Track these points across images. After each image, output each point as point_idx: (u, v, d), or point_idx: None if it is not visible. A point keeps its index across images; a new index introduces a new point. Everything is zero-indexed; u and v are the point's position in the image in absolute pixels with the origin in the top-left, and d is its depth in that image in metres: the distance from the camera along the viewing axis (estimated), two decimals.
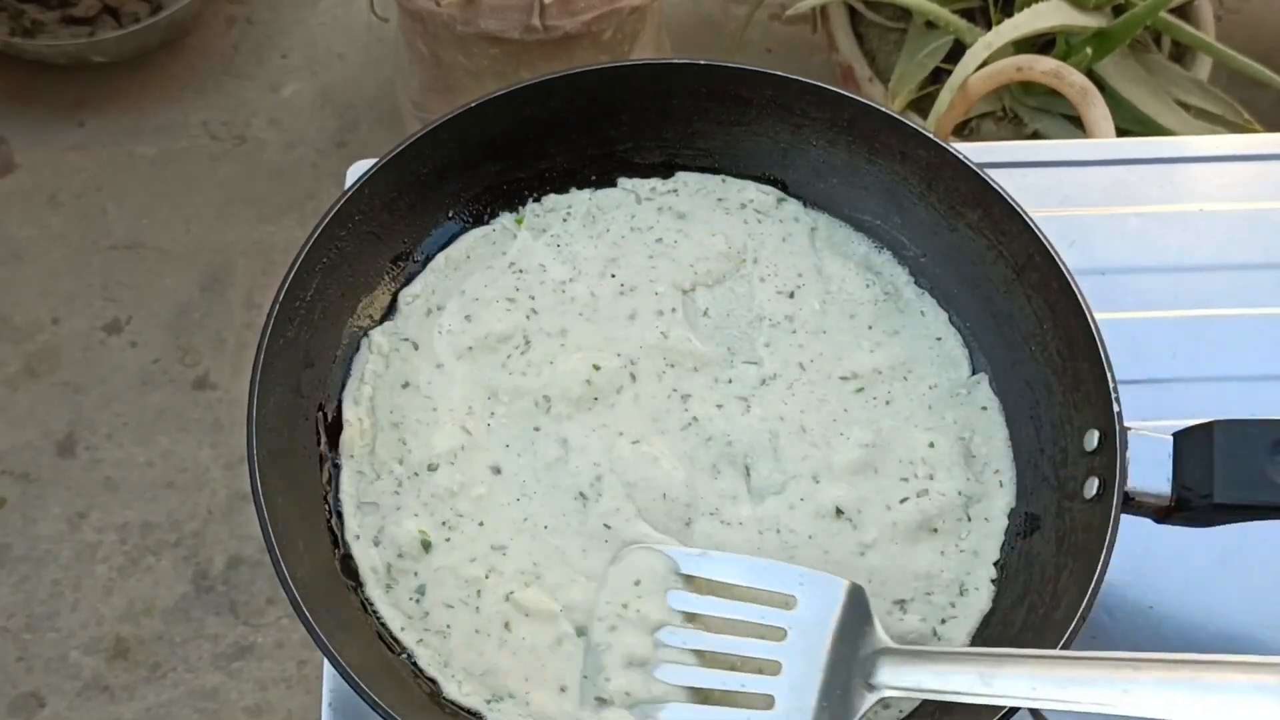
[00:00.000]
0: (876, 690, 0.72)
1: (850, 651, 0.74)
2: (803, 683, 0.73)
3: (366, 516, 0.81)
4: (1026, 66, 1.42)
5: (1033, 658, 0.69)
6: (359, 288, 0.86)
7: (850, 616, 0.74)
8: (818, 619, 0.74)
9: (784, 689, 0.73)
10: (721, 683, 0.74)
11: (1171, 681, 0.65)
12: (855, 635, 0.74)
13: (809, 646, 0.74)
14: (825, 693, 0.73)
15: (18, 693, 1.71)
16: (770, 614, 0.75)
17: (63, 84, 2.17)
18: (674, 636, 0.76)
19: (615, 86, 0.89)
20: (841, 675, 0.73)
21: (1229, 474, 0.73)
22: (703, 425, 0.84)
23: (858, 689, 0.72)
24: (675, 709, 0.74)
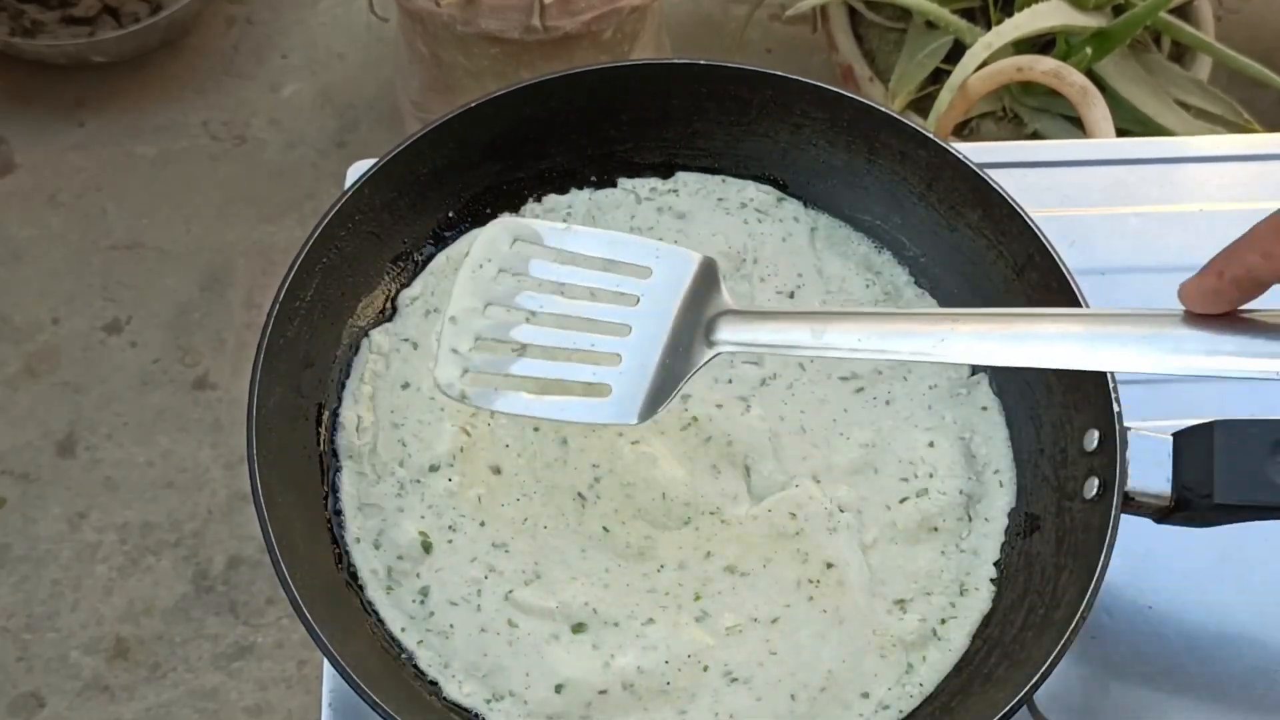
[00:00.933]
0: (715, 346, 0.76)
1: (696, 316, 0.77)
2: (648, 342, 0.76)
3: (367, 518, 0.81)
4: (1026, 66, 1.42)
5: (860, 314, 0.74)
6: (359, 288, 0.86)
7: (700, 286, 0.77)
8: (669, 287, 0.77)
9: (630, 347, 0.76)
10: (573, 341, 0.76)
11: (985, 333, 0.70)
12: (703, 301, 0.77)
13: (658, 310, 0.77)
14: (669, 351, 0.76)
15: (18, 693, 1.71)
16: (625, 282, 0.77)
17: (63, 84, 2.17)
18: (532, 300, 0.77)
19: (615, 86, 0.89)
20: (685, 336, 0.76)
21: (1229, 474, 0.73)
22: (702, 425, 0.84)
23: (698, 345, 0.76)
24: (526, 364, 0.77)
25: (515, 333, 0.77)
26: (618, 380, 0.75)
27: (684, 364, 0.76)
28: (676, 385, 0.75)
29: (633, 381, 0.75)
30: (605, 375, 0.75)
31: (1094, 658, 0.83)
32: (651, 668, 0.77)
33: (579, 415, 0.76)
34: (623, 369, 0.75)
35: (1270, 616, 0.85)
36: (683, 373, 0.75)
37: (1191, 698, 0.82)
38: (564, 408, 0.76)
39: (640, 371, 0.75)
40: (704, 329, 0.76)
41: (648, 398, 0.75)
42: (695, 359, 0.76)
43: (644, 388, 0.75)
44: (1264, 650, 0.84)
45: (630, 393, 0.75)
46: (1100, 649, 0.84)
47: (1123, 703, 0.82)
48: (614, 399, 0.75)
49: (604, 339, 0.76)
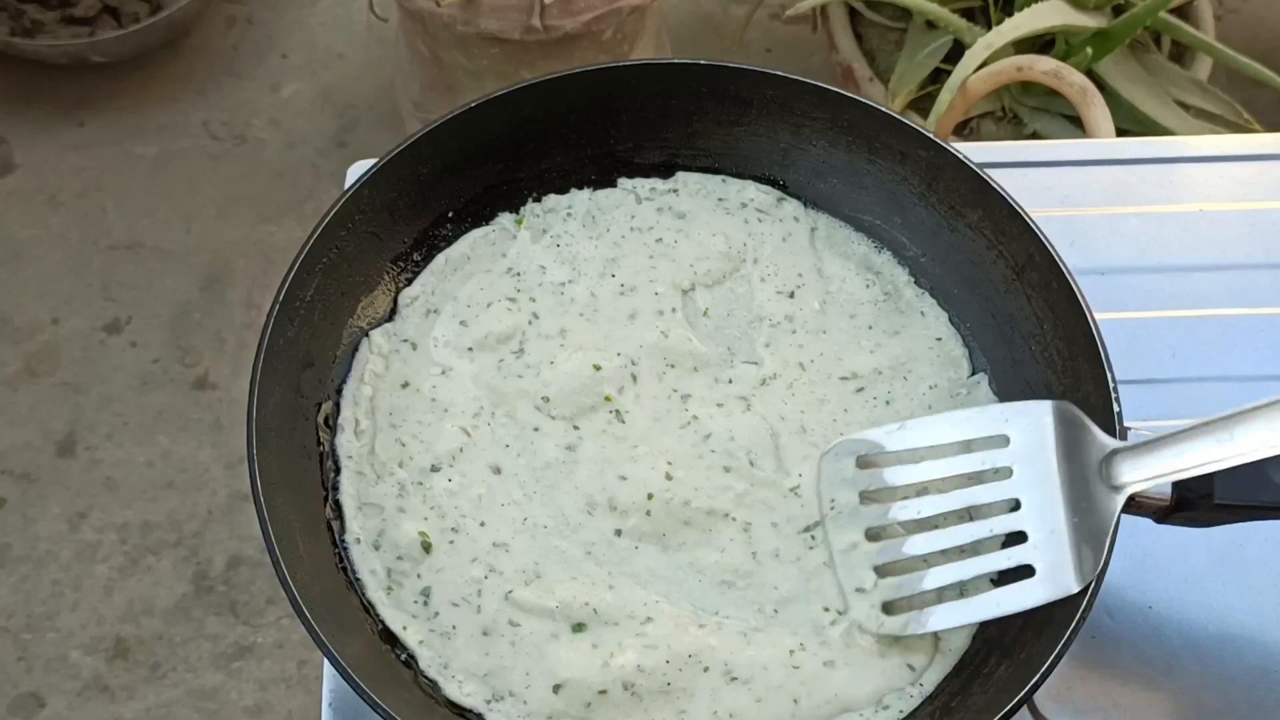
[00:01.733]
0: (1122, 490, 0.73)
1: (1081, 465, 0.74)
2: (1046, 509, 0.74)
3: (367, 518, 0.81)
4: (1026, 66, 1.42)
5: (1260, 406, 0.70)
6: (359, 288, 0.86)
7: (1068, 433, 0.75)
8: (1037, 446, 0.75)
9: (1031, 520, 0.74)
10: (970, 535, 0.75)
11: None
12: (1079, 448, 0.75)
13: (1039, 474, 0.75)
14: (1072, 509, 0.74)
15: (18, 693, 1.71)
16: (990, 457, 0.76)
17: (63, 84, 2.17)
18: (906, 510, 0.76)
19: (615, 86, 0.89)
20: (1081, 489, 0.74)
21: (1229, 474, 0.73)
22: (703, 424, 0.84)
23: (1103, 494, 0.73)
24: (937, 574, 0.75)
25: (909, 548, 0.75)
26: (1035, 556, 0.73)
27: (1098, 517, 0.73)
28: (1103, 541, 0.72)
29: (1053, 552, 0.73)
30: (1021, 556, 0.74)
31: (1094, 658, 0.83)
32: (652, 667, 0.76)
33: (1018, 604, 0.73)
34: (1035, 543, 0.73)
35: (1270, 616, 0.85)
36: (1104, 526, 0.73)
37: (1191, 697, 0.82)
38: (1001, 602, 0.74)
39: (1054, 540, 0.73)
40: (1099, 474, 0.74)
41: (1075, 562, 0.73)
42: (1109, 508, 0.73)
43: (1066, 555, 0.73)
44: (1264, 650, 0.84)
45: (1056, 564, 0.73)
46: (1100, 649, 0.84)
47: (1123, 703, 0.82)
48: (1043, 575, 0.73)
49: (999, 520, 0.75)
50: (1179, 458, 0.72)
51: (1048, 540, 0.74)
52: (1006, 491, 0.75)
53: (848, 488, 0.78)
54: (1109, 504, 0.73)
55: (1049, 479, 0.75)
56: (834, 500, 0.77)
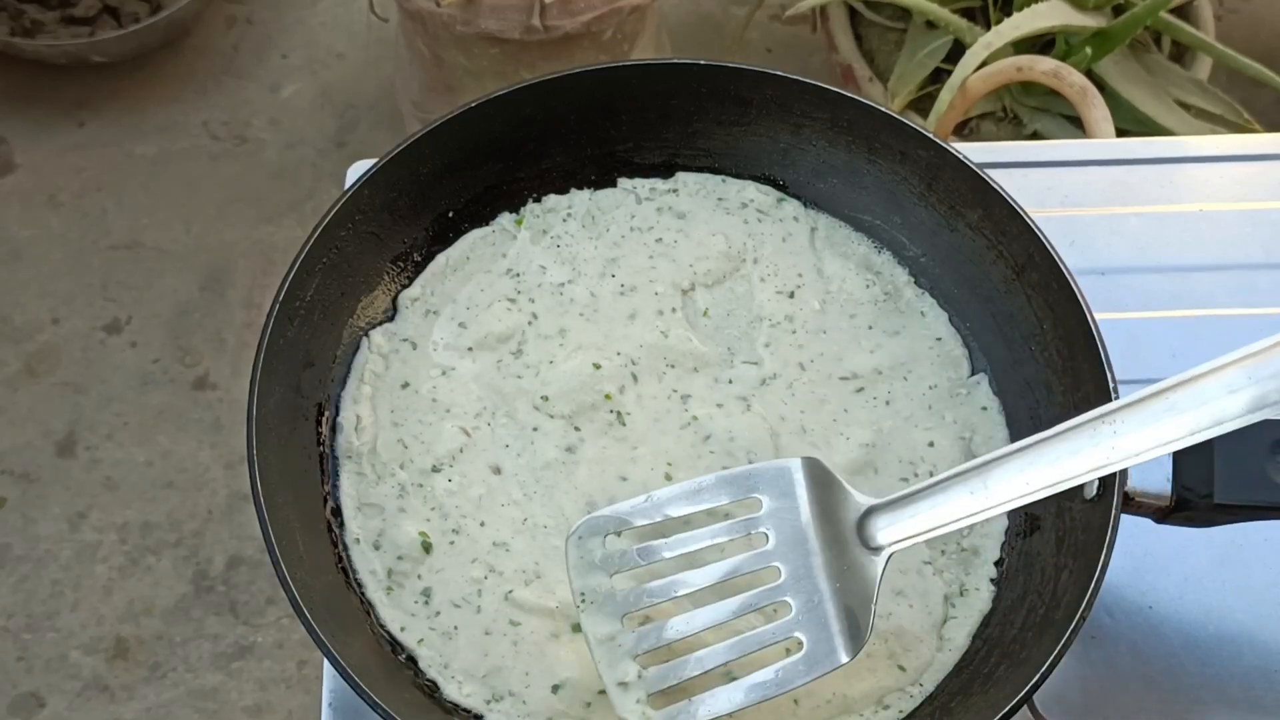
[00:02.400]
0: (881, 551, 0.71)
1: (837, 526, 0.73)
2: (805, 577, 0.72)
3: (367, 519, 0.81)
4: (1026, 66, 1.42)
5: (1011, 453, 0.69)
6: (359, 288, 0.86)
7: (820, 493, 0.73)
8: (789, 509, 0.73)
9: (792, 590, 0.72)
10: (731, 611, 0.72)
11: (1152, 414, 0.66)
12: (834, 506, 0.73)
13: (794, 538, 0.72)
14: (834, 575, 0.72)
15: (18, 693, 1.71)
16: (743, 524, 0.73)
17: (63, 84, 2.17)
18: (661, 589, 0.73)
19: (615, 86, 0.89)
20: (839, 551, 0.72)
21: (1229, 474, 0.73)
22: (703, 425, 0.84)
23: (863, 558, 0.72)
24: (702, 657, 0.72)
25: (670, 632, 0.72)
26: (801, 628, 0.71)
27: (860, 582, 0.71)
28: (868, 607, 0.71)
29: (816, 625, 0.71)
30: (786, 630, 0.71)
31: (1094, 658, 0.83)
32: None
33: (793, 683, 0.71)
34: (797, 615, 0.71)
35: (1270, 616, 0.85)
36: (867, 592, 0.71)
37: (1191, 698, 0.82)
38: (774, 683, 0.71)
39: (817, 611, 0.71)
40: (856, 536, 0.72)
41: (844, 633, 0.71)
42: (869, 573, 0.71)
43: (832, 626, 0.71)
44: (1264, 650, 0.84)
45: (821, 637, 0.71)
46: (1100, 649, 0.84)
47: (1123, 703, 0.82)
48: (811, 649, 0.71)
49: (759, 594, 0.72)
50: (934, 511, 0.71)
51: (811, 612, 0.71)
52: (763, 560, 0.72)
53: (598, 572, 0.73)
54: (870, 568, 0.72)
55: (803, 544, 0.72)
56: (583, 592, 0.73)
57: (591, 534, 0.74)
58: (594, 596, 0.73)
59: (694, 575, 0.73)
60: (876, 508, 0.73)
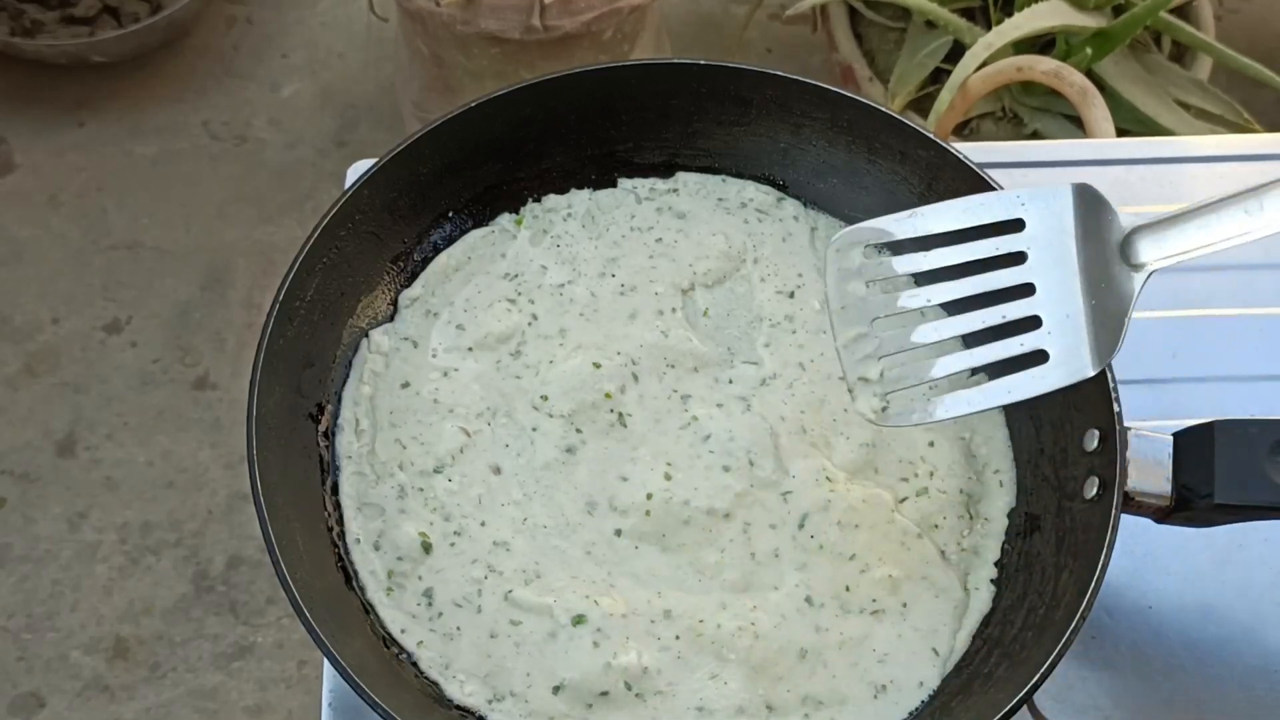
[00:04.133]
0: (1143, 268, 0.71)
1: (1101, 246, 0.71)
2: (1062, 292, 0.71)
3: (367, 519, 0.81)
4: (1026, 66, 1.42)
5: None
6: (359, 288, 0.86)
7: (1088, 213, 0.72)
8: (1053, 229, 0.72)
9: (1045, 305, 0.71)
10: (981, 321, 0.72)
11: None
12: (1100, 228, 0.72)
13: (1055, 257, 0.71)
14: (1090, 292, 0.71)
15: (18, 693, 1.71)
16: (1004, 242, 0.72)
17: (63, 84, 2.17)
18: (914, 298, 0.73)
19: (615, 86, 0.89)
20: (1100, 270, 0.71)
21: (1229, 474, 0.73)
22: (703, 425, 0.84)
23: (1122, 274, 0.71)
24: (946, 362, 0.72)
25: (917, 336, 0.72)
26: (1050, 341, 0.70)
27: (1116, 299, 0.71)
28: (1121, 322, 0.70)
29: (1068, 336, 0.70)
30: (1035, 341, 0.71)
31: (1094, 658, 0.83)
32: (653, 667, 0.77)
33: (1031, 389, 0.70)
34: (1049, 328, 0.70)
35: (1270, 616, 0.85)
36: (1122, 308, 0.70)
37: (1191, 697, 0.82)
38: (1010, 388, 0.71)
39: (1070, 324, 0.70)
40: (1119, 254, 0.71)
41: (1092, 345, 0.70)
42: (1128, 288, 0.71)
43: (1083, 338, 0.70)
44: (1264, 650, 0.84)
45: (1071, 347, 0.70)
46: (1100, 649, 0.84)
47: (1123, 703, 0.82)
48: (1057, 360, 0.70)
49: (1013, 306, 0.71)
50: (1205, 230, 0.69)
51: (1062, 325, 0.70)
52: (1020, 276, 0.72)
53: (854, 279, 0.73)
54: (1128, 284, 0.71)
55: (1066, 262, 0.71)
56: (842, 295, 0.73)
57: (851, 245, 0.73)
58: (847, 301, 0.73)
59: (946, 287, 0.73)
60: (1142, 227, 0.72)
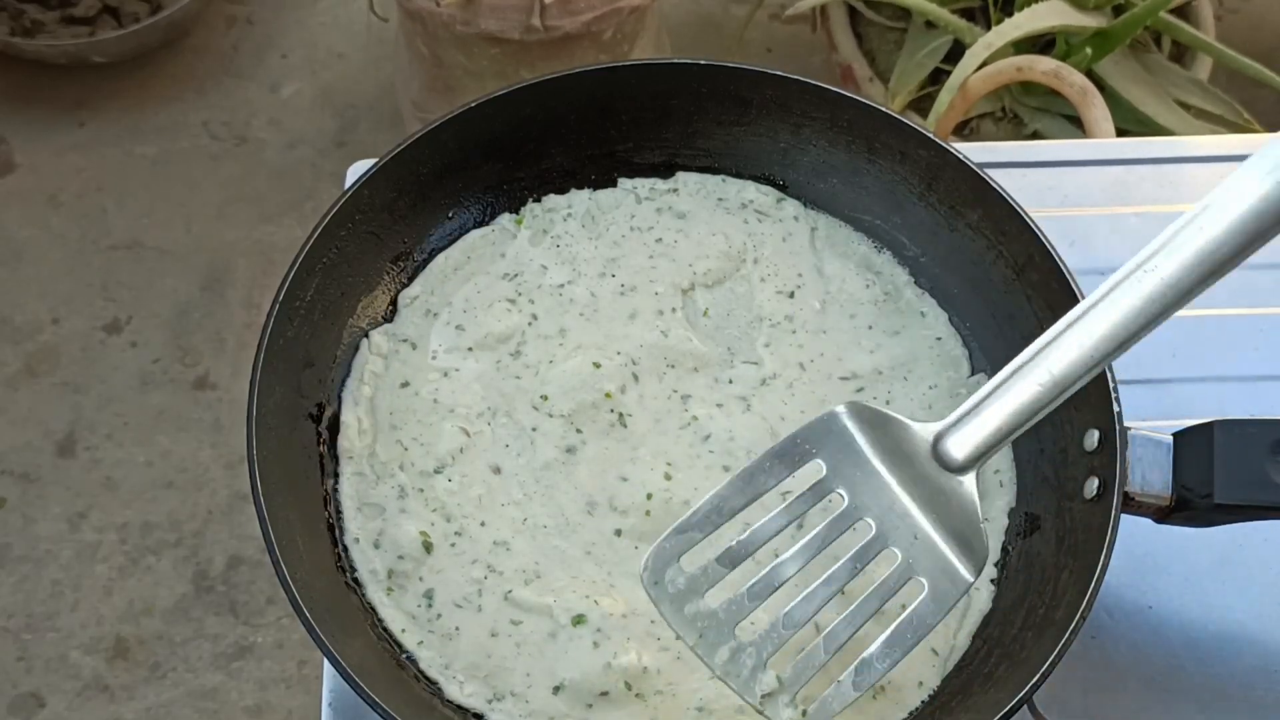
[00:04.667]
0: (968, 471, 0.69)
1: (910, 462, 0.70)
2: (897, 519, 0.69)
3: (367, 519, 0.81)
4: (1026, 66, 1.42)
5: (1062, 330, 0.67)
6: (359, 288, 0.86)
7: (876, 434, 0.71)
8: (853, 460, 0.70)
9: (889, 537, 0.69)
10: (843, 576, 0.69)
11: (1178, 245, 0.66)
12: (898, 443, 0.70)
13: (870, 488, 0.69)
14: (927, 510, 0.69)
15: (18, 693, 1.71)
16: (813, 492, 0.70)
17: (63, 84, 2.17)
18: (760, 587, 0.69)
19: (615, 86, 0.89)
20: (925, 485, 0.70)
21: (1229, 474, 0.73)
22: (703, 425, 0.84)
23: (952, 484, 0.70)
24: (829, 636, 0.69)
25: (789, 623, 0.69)
26: (918, 569, 0.69)
27: (958, 507, 0.70)
28: (976, 526, 0.69)
29: (931, 558, 0.69)
30: (902, 576, 0.69)
31: (1094, 658, 0.83)
32: (653, 666, 0.76)
33: (933, 620, 0.68)
34: (907, 560, 0.69)
35: (1270, 616, 0.85)
36: (969, 513, 0.69)
37: (1191, 698, 0.82)
38: (914, 629, 0.68)
39: (926, 546, 0.69)
40: (935, 464, 0.70)
41: (961, 557, 0.69)
42: (964, 494, 0.70)
43: (948, 553, 0.69)
44: (1264, 650, 0.84)
45: (943, 566, 0.69)
46: (1100, 649, 0.83)
47: (1123, 703, 0.82)
48: (934, 583, 0.69)
49: (861, 549, 0.69)
50: (1006, 413, 0.68)
51: (917, 551, 0.69)
52: (849, 519, 0.70)
53: (692, 599, 0.69)
54: (961, 489, 0.70)
55: (883, 491, 0.70)
56: (684, 627, 0.69)
57: (663, 567, 0.69)
58: (699, 629, 0.69)
59: (787, 560, 0.69)
60: (944, 430, 0.71)
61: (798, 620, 0.69)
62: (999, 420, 0.69)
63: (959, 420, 0.71)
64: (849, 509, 0.70)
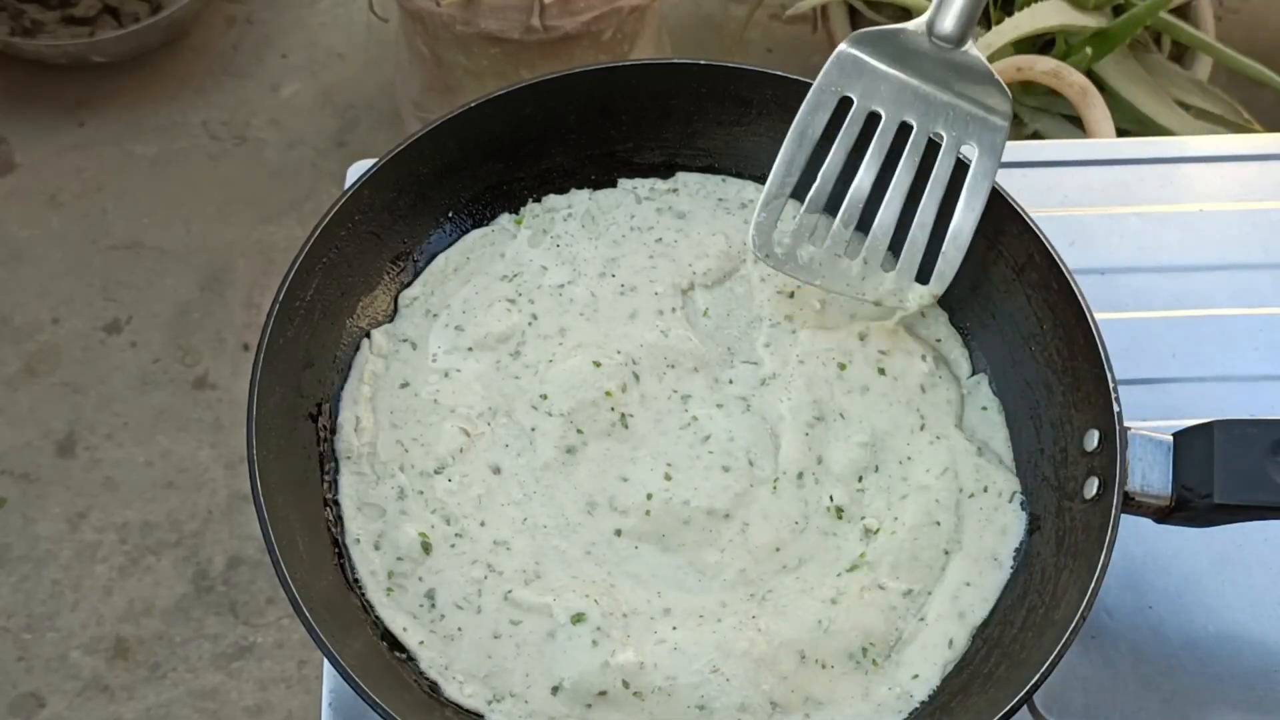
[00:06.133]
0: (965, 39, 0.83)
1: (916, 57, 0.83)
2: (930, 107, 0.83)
3: (368, 520, 0.81)
4: (1026, 66, 1.42)
5: None
6: (359, 288, 0.86)
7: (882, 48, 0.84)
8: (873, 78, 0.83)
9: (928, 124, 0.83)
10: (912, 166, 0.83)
11: None
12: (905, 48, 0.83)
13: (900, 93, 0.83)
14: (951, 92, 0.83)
15: (18, 693, 1.71)
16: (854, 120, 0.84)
17: (63, 84, 2.17)
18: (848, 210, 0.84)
19: (615, 86, 0.89)
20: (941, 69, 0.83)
21: (1229, 474, 0.73)
22: (703, 425, 0.84)
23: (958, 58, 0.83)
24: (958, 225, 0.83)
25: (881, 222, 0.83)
26: (968, 135, 0.83)
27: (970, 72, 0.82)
28: (994, 80, 0.82)
29: (973, 122, 0.83)
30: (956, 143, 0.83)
31: (1094, 658, 0.83)
32: (653, 666, 0.76)
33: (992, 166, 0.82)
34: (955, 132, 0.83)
35: (1270, 616, 0.85)
36: (982, 73, 0.82)
37: (1191, 698, 0.82)
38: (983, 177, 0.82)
39: (964, 114, 0.82)
40: (938, 48, 0.82)
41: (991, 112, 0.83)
42: (973, 59, 0.82)
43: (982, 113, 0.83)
44: (1264, 650, 0.84)
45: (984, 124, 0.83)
46: (1100, 649, 0.84)
47: (1123, 703, 0.82)
48: (981, 141, 0.83)
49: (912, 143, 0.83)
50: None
51: (956, 123, 0.82)
52: (892, 128, 0.82)
53: (801, 247, 0.83)
54: (969, 57, 0.81)
55: (908, 89, 0.82)
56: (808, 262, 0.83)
57: (766, 237, 0.83)
58: (817, 268, 0.83)
59: (861, 182, 0.83)
60: (933, 18, 0.82)
61: (889, 223, 0.82)
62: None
63: (938, 5, 0.81)
64: (889, 119, 0.82)
